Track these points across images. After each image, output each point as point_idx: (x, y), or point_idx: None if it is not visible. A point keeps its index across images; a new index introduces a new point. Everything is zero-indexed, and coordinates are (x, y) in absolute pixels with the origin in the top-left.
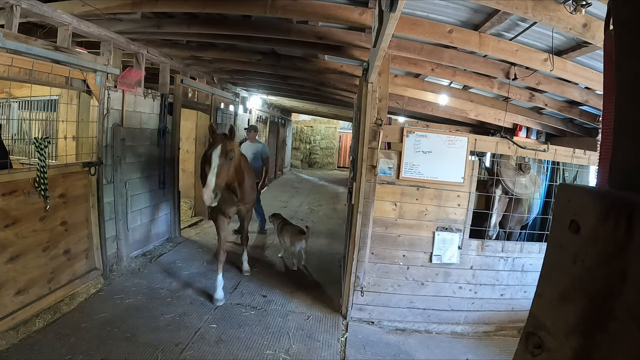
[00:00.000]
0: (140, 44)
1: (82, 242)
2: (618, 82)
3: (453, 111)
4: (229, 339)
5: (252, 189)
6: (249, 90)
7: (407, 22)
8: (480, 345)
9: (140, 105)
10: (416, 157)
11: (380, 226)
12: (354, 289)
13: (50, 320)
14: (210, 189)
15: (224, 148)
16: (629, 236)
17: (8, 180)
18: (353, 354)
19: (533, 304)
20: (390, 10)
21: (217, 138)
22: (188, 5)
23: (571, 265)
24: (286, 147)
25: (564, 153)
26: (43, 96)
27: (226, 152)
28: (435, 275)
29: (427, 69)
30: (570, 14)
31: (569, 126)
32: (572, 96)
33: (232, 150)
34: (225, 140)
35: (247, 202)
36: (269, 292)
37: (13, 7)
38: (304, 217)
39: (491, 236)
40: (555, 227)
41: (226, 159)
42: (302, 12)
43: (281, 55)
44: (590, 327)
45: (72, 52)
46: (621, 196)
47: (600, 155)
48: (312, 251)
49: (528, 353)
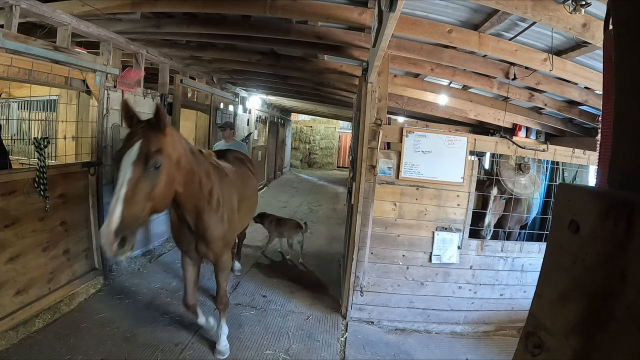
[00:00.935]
0: (139, 44)
1: (82, 242)
2: (617, 82)
3: (452, 111)
4: (228, 339)
5: (226, 220)
6: (248, 90)
7: (407, 22)
8: (480, 345)
9: (139, 105)
10: (416, 157)
11: (380, 226)
12: (354, 289)
13: (50, 321)
14: (111, 228)
15: (145, 148)
16: (629, 236)
17: (7, 180)
18: (353, 353)
19: (533, 303)
20: (389, 10)
21: (136, 128)
22: (187, 5)
23: (571, 265)
24: (285, 147)
25: (563, 153)
26: (42, 96)
27: (149, 156)
28: (434, 275)
29: (427, 68)
30: (569, 13)
31: (568, 126)
32: (571, 96)
33: (165, 150)
34: (152, 131)
35: (213, 242)
36: (268, 292)
37: (12, 7)
38: (304, 217)
39: (484, 236)
40: (554, 227)
41: (148, 169)
42: (301, 12)
43: (281, 55)
44: (590, 327)
45: (72, 52)
46: (621, 196)
47: (600, 155)
48: (311, 251)
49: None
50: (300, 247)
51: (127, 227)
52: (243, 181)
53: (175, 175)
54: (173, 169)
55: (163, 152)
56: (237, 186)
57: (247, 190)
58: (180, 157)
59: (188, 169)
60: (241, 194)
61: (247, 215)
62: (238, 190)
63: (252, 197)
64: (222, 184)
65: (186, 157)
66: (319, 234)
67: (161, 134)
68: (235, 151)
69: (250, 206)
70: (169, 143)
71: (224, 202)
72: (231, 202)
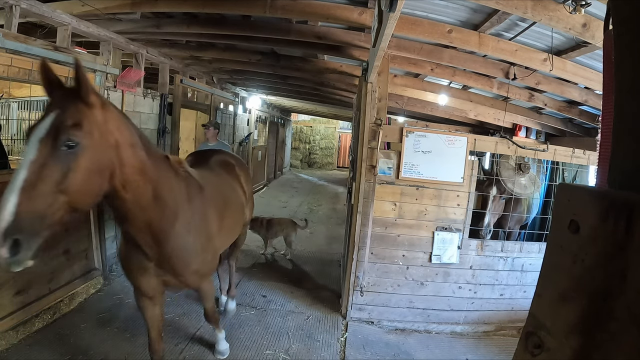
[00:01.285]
0: (139, 44)
1: (82, 242)
2: (617, 82)
3: (452, 111)
4: (228, 339)
5: (199, 249)
6: (248, 90)
7: (407, 22)
8: (479, 345)
9: (139, 105)
10: (416, 157)
11: (380, 226)
12: (354, 289)
13: (50, 321)
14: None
15: (58, 121)
16: (629, 236)
17: (7, 180)
18: (353, 353)
19: (533, 303)
20: (389, 10)
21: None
22: (187, 6)
23: (571, 265)
24: (285, 147)
25: (563, 153)
26: (42, 96)
27: (61, 131)
28: (434, 275)
29: (427, 68)
30: (569, 13)
31: (568, 126)
32: (571, 96)
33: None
34: (70, 99)
35: (182, 276)
36: (268, 292)
37: (12, 7)
38: (304, 216)
39: (484, 236)
40: (554, 227)
41: (58, 149)
42: (301, 12)
43: (281, 55)
44: (590, 327)
45: (72, 52)
46: (621, 196)
47: (600, 155)
48: (311, 251)
49: (528, 353)
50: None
51: (23, 227)
52: (225, 194)
53: (106, 164)
54: (102, 154)
55: (83, 128)
56: (217, 202)
57: (231, 204)
58: (120, 143)
59: (135, 165)
60: (223, 210)
61: (230, 233)
62: (218, 207)
63: (237, 213)
64: (193, 203)
65: (132, 147)
66: (319, 234)
67: (82, 103)
68: (220, 153)
69: (236, 222)
70: (96, 117)
71: (196, 225)
72: (207, 226)
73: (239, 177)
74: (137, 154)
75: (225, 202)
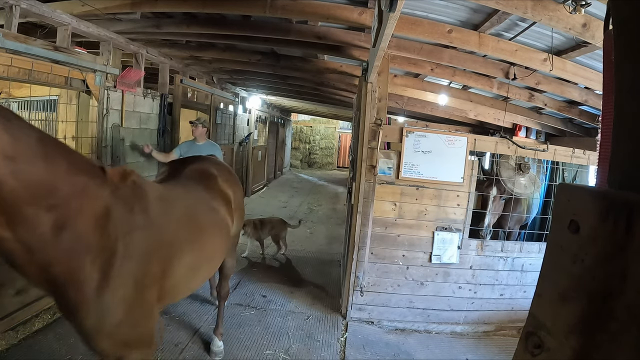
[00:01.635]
0: (139, 44)
1: None
2: (617, 82)
3: (452, 111)
4: (228, 339)
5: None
6: (248, 90)
7: (407, 22)
8: (479, 345)
9: (139, 105)
10: (416, 157)
11: (380, 226)
12: (354, 289)
13: (50, 321)
14: None
15: None
16: (629, 236)
17: None
18: (353, 353)
19: (533, 303)
20: (389, 10)
21: None
22: (187, 6)
23: (571, 265)
24: (285, 147)
25: (563, 153)
26: (42, 96)
27: None
28: (434, 275)
29: (427, 68)
30: (569, 13)
31: (568, 126)
32: (571, 96)
33: None
34: None
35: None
36: (268, 292)
37: (12, 7)
38: (304, 217)
39: (484, 236)
40: (554, 227)
41: None
42: (301, 12)
43: (281, 55)
44: (590, 327)
45: (72, 52)
46: (621, 196)
47: (600, 155)
48: (311, 251)
49: (528, 353)
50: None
51: None
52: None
53: None
54: None
55: None
56: (178, 231)
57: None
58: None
59: (16, 186)
60: (191, 240)
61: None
62: (179, 238)
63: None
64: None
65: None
66: (319, 234)
67: None
68: (200, 161)
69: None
70: None
71: (121, 268)
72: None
73: (223, 192)
74: (20, 169)
75: (198, 229)
